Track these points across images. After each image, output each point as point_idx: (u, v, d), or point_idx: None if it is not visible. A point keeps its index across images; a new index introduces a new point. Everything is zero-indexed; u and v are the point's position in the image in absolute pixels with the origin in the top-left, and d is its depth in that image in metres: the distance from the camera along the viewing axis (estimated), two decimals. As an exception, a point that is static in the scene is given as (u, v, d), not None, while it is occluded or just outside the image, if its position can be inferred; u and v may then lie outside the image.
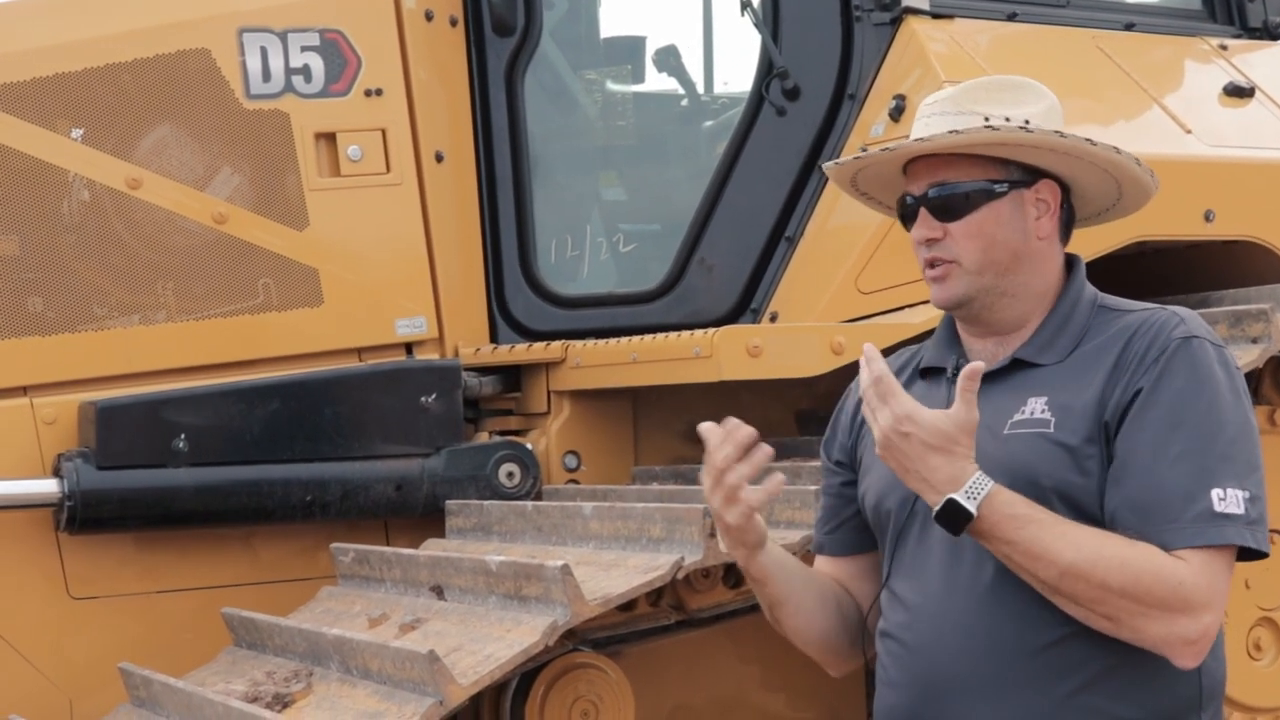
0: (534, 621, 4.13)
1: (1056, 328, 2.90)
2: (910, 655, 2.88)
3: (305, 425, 5.25)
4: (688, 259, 5.69)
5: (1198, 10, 6.37)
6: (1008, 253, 2.88)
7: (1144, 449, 2.72)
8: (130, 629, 5.18)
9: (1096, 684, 2.76)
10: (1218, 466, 2.70)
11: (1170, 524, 2.68)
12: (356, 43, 5.49)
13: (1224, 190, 5.58)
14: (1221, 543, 2.68)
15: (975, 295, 2.90)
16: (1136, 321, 2.84)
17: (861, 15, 5.65)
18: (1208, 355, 2.78)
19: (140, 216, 5.25)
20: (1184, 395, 2.73)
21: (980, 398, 2.83)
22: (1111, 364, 2.80)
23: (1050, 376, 2.85)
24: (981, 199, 2.88)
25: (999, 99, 2.91)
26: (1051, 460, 2.77)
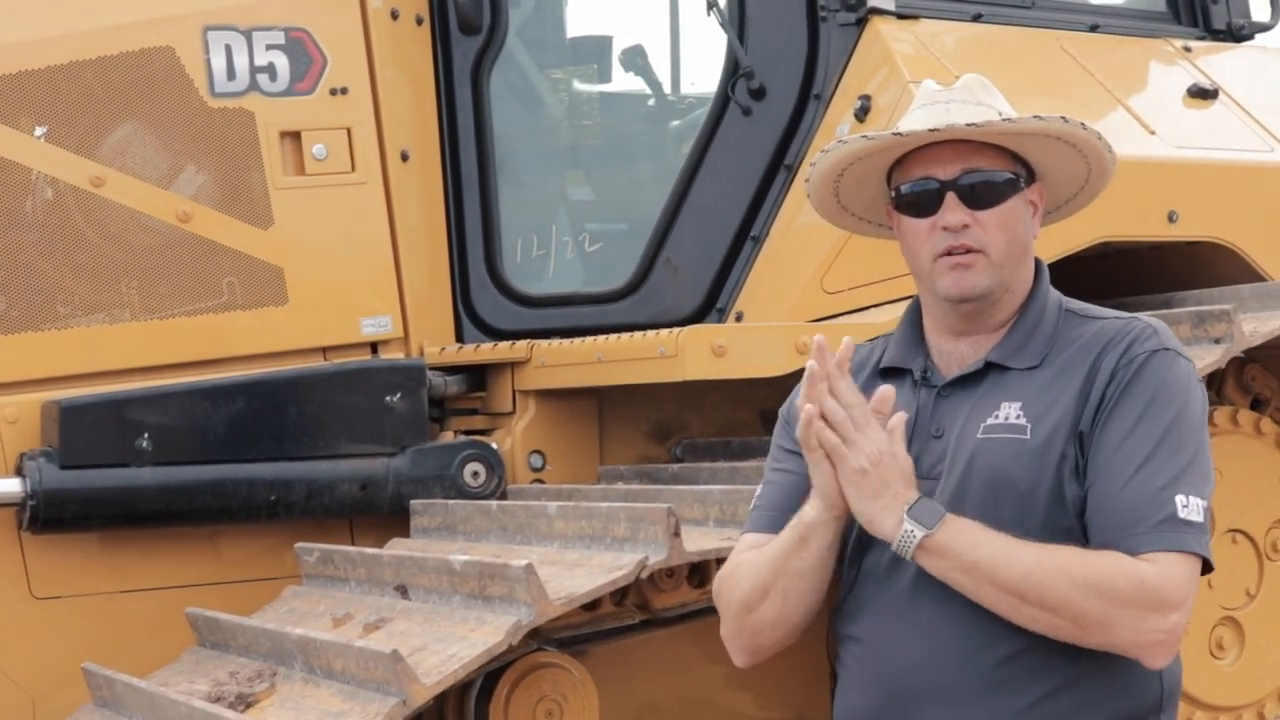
0: (498, 621, 4.13)
1: (1028, 331, 2.88)
2: (877, 660, 2.85)
3: (270, 424, 5.23)
4: (653, 259, 5.69)
5: (1162, 12, 6.40)
6: (1021, 248, 2.89)
7: (1113, 456, 2.73)
8: (94, 629, 5.16)
9: (1062, 691, 2.75)
10: (1182, 474, 2.72)
11: (1136, 527, 2.69)
12: (322, 41, 5.48)
13: (1187, 191, 5.61)
14: (1184, 549, 2.69)
15: (994, 288, 2.87)
16: (1110, 331, 2.83)
17: (827, 16, 5.66)
18: (1178, 368, 2.79)
19: (104, 215, 5.22)
20: (1154, 406, 2.74)
21: (951, 400, 2.86)
22: (1085, 374, 2.79)
23: (1024, 381, 2.83)
24: (1010, 190, 2.86)
25: (994, 95, 2.93)
26: (1028, 466, 2.76)
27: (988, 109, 2.87)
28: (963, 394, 2.86)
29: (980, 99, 2.89)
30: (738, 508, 4.49)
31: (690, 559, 4.32)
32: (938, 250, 2.85)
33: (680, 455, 5.61)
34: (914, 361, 2.95)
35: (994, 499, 2.76)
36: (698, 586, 4.73)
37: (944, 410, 2.87)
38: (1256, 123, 5.98)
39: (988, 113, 2.86)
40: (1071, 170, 2.97)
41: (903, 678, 2.81)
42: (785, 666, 5.23)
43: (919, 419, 2.88)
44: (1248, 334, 4.87)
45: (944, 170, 2.86)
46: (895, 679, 2.82)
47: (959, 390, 2.86)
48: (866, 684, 2.87)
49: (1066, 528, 2.76)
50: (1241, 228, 5.75)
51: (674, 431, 5.68)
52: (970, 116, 2.85)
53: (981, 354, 2.88)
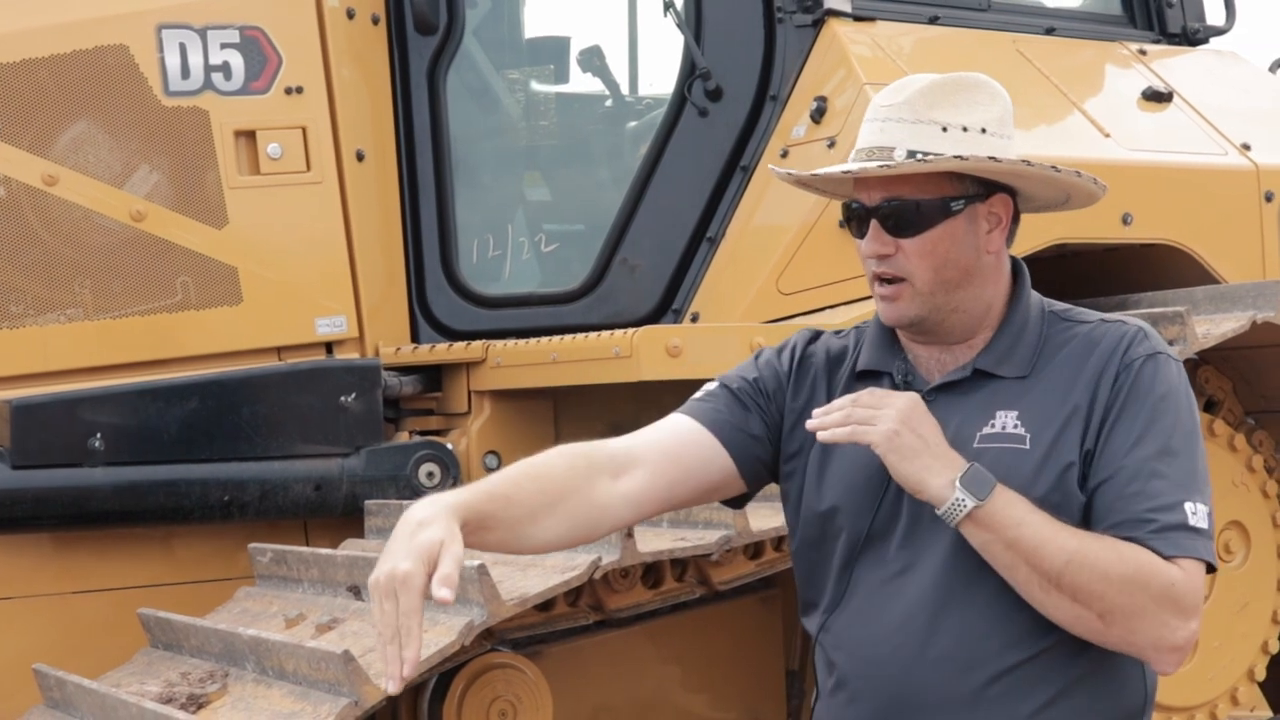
0: (450, 621, 4.11)
1: (1013, 338, 2.83)
2: (875, 672, 2.82)
3: (223, 424, 5.22)
4: (609, 259, 5.69)
5: (1117, 15, 6.43)
6: (959, 270, 2.79)
7: (1121, 464, 2.69)
8: (45, 630, 5.14)
9: (1059, 700, 2.74)
10: (1188, 481, 2.69)
11: (1154, 535, 2.66)
12: (277, 40, 5.46)
13: (1142, 194, 5.62)
14: (1197, 556, 2.68)
15: (926, 315, 2.81)
16: (1100, 336, 2.80)
17: (784, 17, 5.67)
18: (1172, 372, 2.77)
19: (57, 214, 5.20)
20: (1156, 411, 2.71)
21: (939, 405, 2.80)
22: (1081, 381, 2.76)
23: (1018, 390, 2.79)
24: (937, 216, 2.77)
25: (955, 102, 2.80)
26: (1029, 475, 2.72)
27: (928, 126, 2.77)
28: (952, 400, 2.81)
29: (921, 115, 2.78)
30: (691, 509, 4.49)
31: (644, 559, 4.31)
32: (870, 274, 2.83)
33: (636, 456, 5.59)
34: (892, 364, 2.90)
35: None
36: (652, 587, 4.72)
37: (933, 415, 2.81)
38: (1210, 126, 6.01)
39: (927, 131, 2.76)
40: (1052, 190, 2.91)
41: (901, 689, 2.79)
42: (739, 666, 5.28)
43: None
44: (1200, 336, 4.89)
45: (868, 196, 2.80)
46: (893, 691, 2.80)
47: (947, 396, 2.82)
48: (865, 696, 2.83)
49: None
50: (1195, 230, 5.77)
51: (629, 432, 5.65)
52: (910, 135, 2.78)
53: (966, 360, 2.84)
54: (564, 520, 2.79)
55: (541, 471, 2.83)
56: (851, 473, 2.87)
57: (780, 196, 5.49)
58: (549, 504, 2.78)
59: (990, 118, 2.81)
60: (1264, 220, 5.90)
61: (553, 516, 2.78)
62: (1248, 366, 5.50)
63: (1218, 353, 5.18)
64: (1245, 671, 5.45)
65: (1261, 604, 5.47)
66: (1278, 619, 5.50)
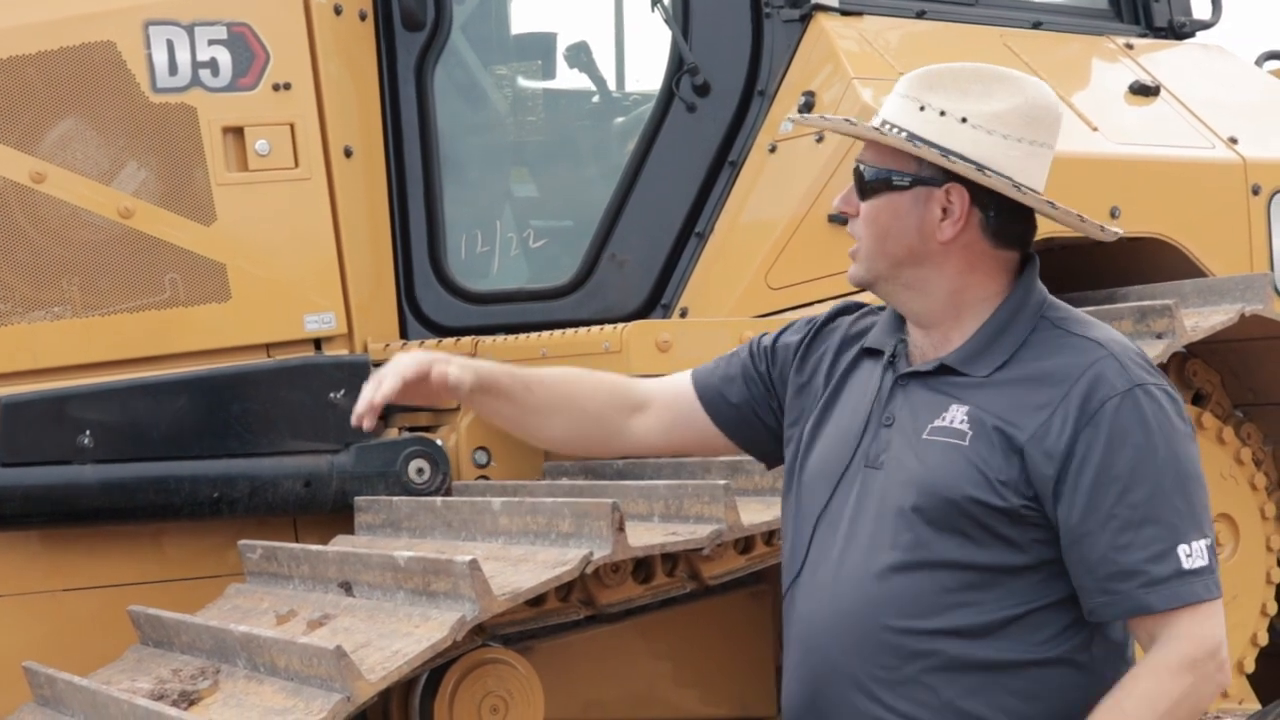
0: (442, 617, 4.12)
1: (989, 338, 2.80)
2: (806, 644, 2.87)
3: (213, 421, 5.22)
4: (598, 255, 5.69)
5: (1104, 9, 6.43)
6: (902, 247, 2.80)
7: (1106, 516, 2.65)
8: (35, 627, 5.13)
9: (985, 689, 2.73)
10: (1180, 523, 2.66)
11: (1145, 589, 2.65)
12: (264, 36, 5.45)
13: (1130, 187, 5.63)
14: (1194, 600, 2.65)
15: (872, 281, 2.86)
16: (1077, 369, 2.72)
17: (771, 12, 5.67)
18: (1154, 403, 2.68)
19: (45, 211, 5.18)
20: (1138, 455, 2.65)
21: (906, 392, 2.83)
22: (1036, 400, 2.71)
23: (976, 388, 2.77)
24: (881, 188, 2.81)
25: (961, 89, 2.79)
26: (962, 475, 2.72)
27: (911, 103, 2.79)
28: (917, 388, 2.83)
29: (913, 92, 2.80)
30: (683, 503, 4.50)
31: (635, 554, 4.31)
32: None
33: (625, 452, 5.60)
34: (888, 343, 2.92)
35: (924, 500, 2.74)
36: (643, 582, 4.72)
37: (899, 400, 2.85)
38: (1198, 119, 6.02)
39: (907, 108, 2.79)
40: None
41: (828, 669, 2.82)
42: (730, 662, 5.28)
43: (875, 402, 2.88)
44: (1189, 329, 4.90)
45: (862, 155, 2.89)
46: (821, 670, 2.83)
47: (914, 383, 2.84)
48: (800, 673, 2.88)
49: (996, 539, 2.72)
50: (1183, 224, 5.78)
51: (619, 428, 5.67)
52: (889, 110, 2.82)
53: (939, 354, 2.84)
54: (573, 428, 3.16)
55: (571, 380, 3.18)
56: (827, 448, 2.93)
57: (769, 191, 5.50)
58: (565, 409, 3.14)
59: (984, 111, 2.77)
60: (1251, 213, 5.91)
61: (565, 420, 3.14)
62: (1236, 359, 5.50)
63: (1206, 346, 5.19)
64: (1234, 664, 5.45)
65: (1250, 597, 5.47)
66: (1266, 611, 5.51)
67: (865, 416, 2.87)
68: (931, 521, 2.74)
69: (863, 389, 2.92)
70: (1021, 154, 2.77)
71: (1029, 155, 2.78)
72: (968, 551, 2.72)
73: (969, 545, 2.72)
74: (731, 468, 4.80)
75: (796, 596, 2.91)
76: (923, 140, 2.77)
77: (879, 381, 2.89)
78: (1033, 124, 2.79)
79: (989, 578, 2.72)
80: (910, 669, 2.74)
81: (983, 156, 2.75)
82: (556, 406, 3.13)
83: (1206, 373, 5.53)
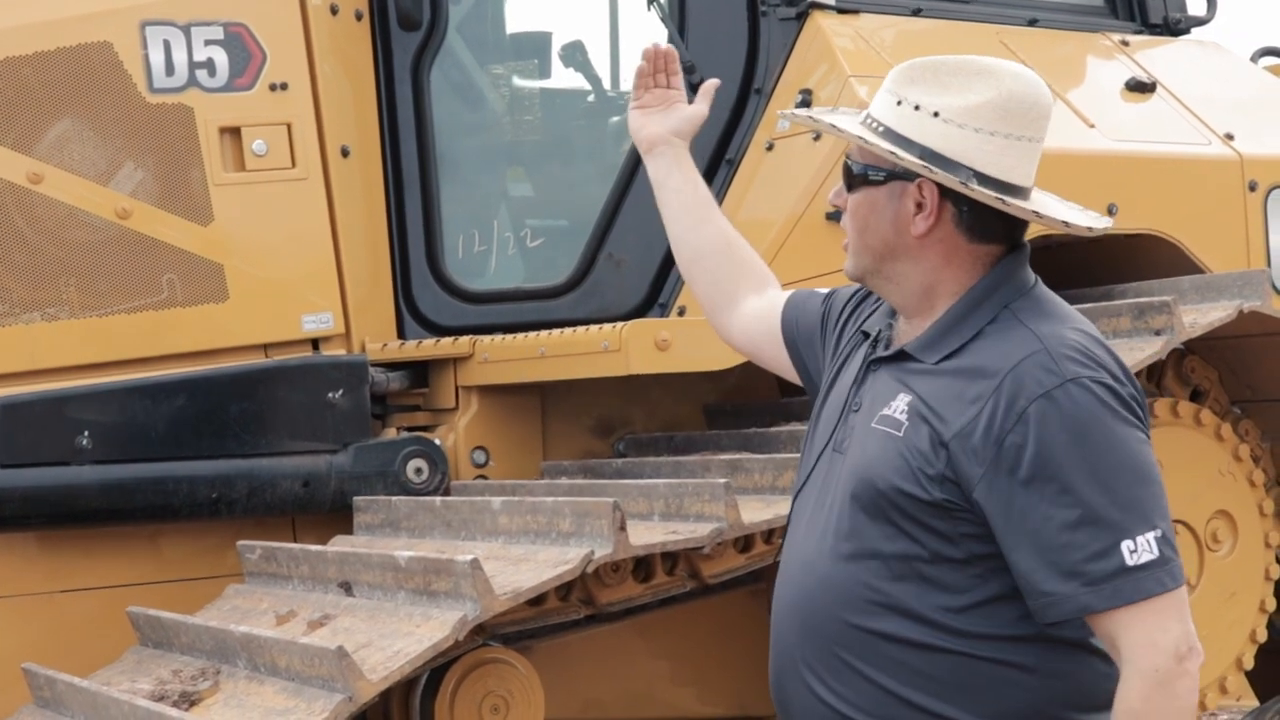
0: (443, 616, 4.12)
1: (946, 327, 2.80)
2: (774, 628, 2.89)
3: (211, 422, 5.21)
4: (595, 254, 5.69)
5: (1099, 6, 6.43)
6: (879, 240, 2.82)
7: (1044, 519, 2.62)
8: (33, 629, 5.12)
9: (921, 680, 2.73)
10: (1122, 518, 2.61)
11: (1087, 589, 2.61)
12: (261, 36, 5.44)
13: (1127, 184, 5.63)
14: (1140, 597, 2.61)
15: (860, 273, 2.89)
16: (1008, 364, 2.68)
17: (767, 10, 5.66)
18: (1087, 396, 2.65)
19: (42, 212, 5.17)
20: (1068, 454, 2.62)
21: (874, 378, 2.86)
22: (976, 398, 2.68)
23: (923, 377, 2.78)
24: (860, 182, 2.84)
25: (942, 84, 2.77)
26: (890, 466, 2.72)
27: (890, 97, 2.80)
28: (882, 374, 2.85)
29: (893, 86, 2.81)
30: (683, 501, 4.50)
31: (635, 553, 4.32)
32: None
33: (624, 450, 5.61)
34: (878, 328, 2.94)
35: (861, 490, 2.76)
36: (643, 581, 4.72)
37: (867, 386, 2.87)
38: (1194, 116, 6.02)
39: (886, 101, 2.80)
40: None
41: (788, 651, 2.84)
42: (729, 661, 5.28)
43: (853, 386, 2.91)
44: (1188, 325, 4.91)
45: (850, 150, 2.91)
46: (783, 651, 2.85)
47: (881, 369, 2.86)
48: (772, 656, 2.90)
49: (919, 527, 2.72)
50: (1179, 220, 5.78)
51: (617, 427, 5.68)
52: (883, 105, 2.82)
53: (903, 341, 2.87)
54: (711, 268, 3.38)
55: (743, 241, 3.43)
56: (817, 428, 2.98)
57: (766, 190, 5.50)
58: (721, 248, 3.37)
59: (956, 104, 2.75)
60: (1248, 209, 5.91)
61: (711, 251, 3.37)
62: (1233, 356, 5.51)
63: (1203, 342, 5.19)
64: (1234, 660, 5.46)
65: (1249, 593, 5.48)
66: (1265, 608, 5.51)
67: (844, 400, 2.91)
68: (866, 511, 2.76)
69: (849, 372, 2.96)
70: (995, 148, 2.74)
71: (1003, 149, 2.75)
72: (900, 543, 2.73)
73: (901, 537, 2.73)
74: (731, 466, 4.80)
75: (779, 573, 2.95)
76: (896, 134, 2.78)
77: (859, 366, 2.92)
78: (1008, 117, 2.76)
79: (922, 570, 2.72)
80: (850, 656, 2.75)
81: (953, 151, 2.74)
82: (717, 238, 3.37)
83: (1204, 369, 5.53)
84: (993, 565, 2.71)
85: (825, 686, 2.78)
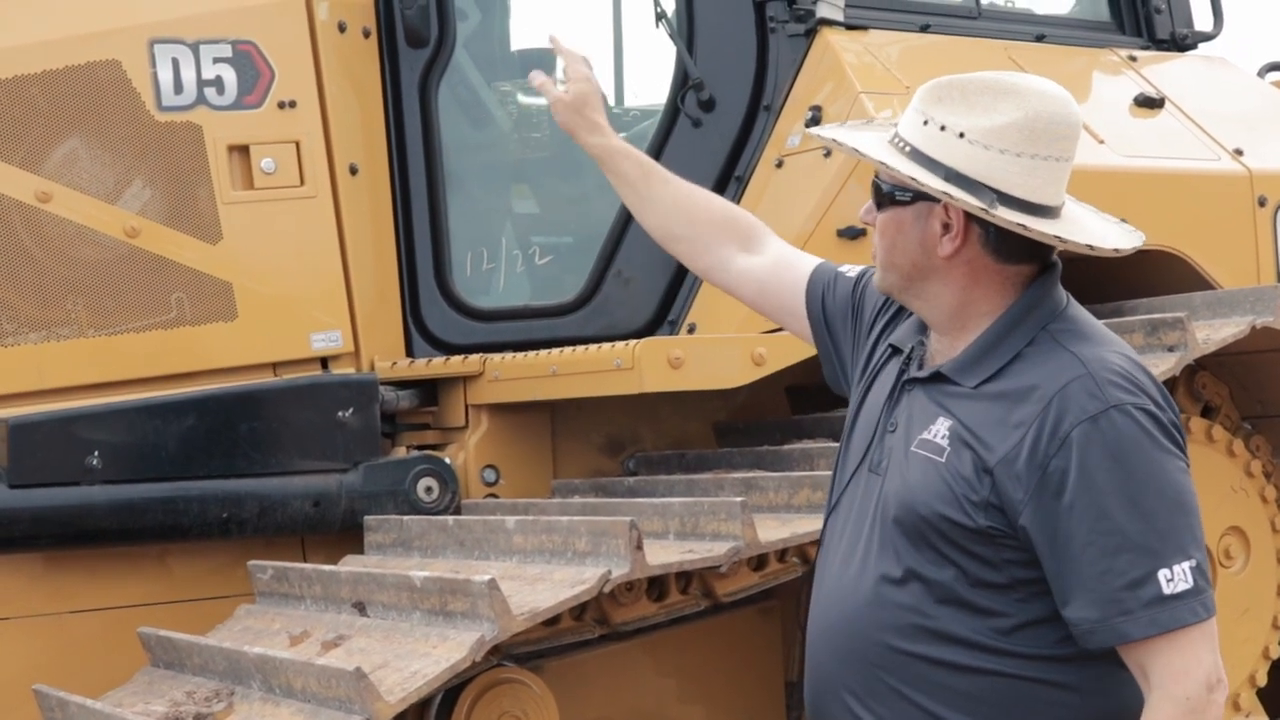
0: (460, 637, 4.10)
1: (983, 349, 2.78)
2: (810, 650, 2.90)
3: (221, 441, 5.19)
4: (604, 271, 5.67)
5: (1106, 22, 6.42)
6: (907, 260, 2.82)
7: (1084, 545, 2.63)
8: (43, 650, 5.10)
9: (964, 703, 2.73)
10: (1159, 546, 2.62)
11: (1124, 616, 2.61)
12: (269, 54, 5.44)
13: (1137, 200, 5.61)
14: (1176, 626, 2.61)
15: (889, 289, 2.89)
16: (1052, 389, 2.68)
17: (776, 27, 5.65)
18: (1130, 424, 2.65)
19: (50, 230, 5.16)
20: (1111, 481, 2.62)
21: (909, 398, 2.85)
22: (1020, 422, 2.68)
23: (963, 401, 2.77)
24: (887, 201, 2.83)
25: (969, 103, 2.75)
26: (934, 493, 2.72)
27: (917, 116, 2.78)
28: (918, 395, 2.84)
29: (921, 105, 2.79)
30: (698, 520, 4.48)
31: (653, 572, 4.30)
32: None
33: (634, 468, 5.59)
34: (908, 344, 2.93)
35: (903, 514, 2.75)
36: (656, 600, 4.70)
37: (902, 406, 2.86)
38: (1203, 131, 6.01)
39: (913, 121, 2.79)
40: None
41: (826, 674, 2.85)
42: (739, 677, 5.26)
43: (887, 404, 2.89)
44: (1201, 341, 4.90)
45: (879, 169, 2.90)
46: (821, 675, 2.86)
47: (917, 389, 2.85)
48: (809, 678, 2.91)
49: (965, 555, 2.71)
50: (1190, 236, 5.77)
51: (626, 444, 5.67)
52: (910, 124, 2.80)
53: (939, 361, 2.85)
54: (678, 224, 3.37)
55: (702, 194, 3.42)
56: (851, 443, 2.96)
57: (775, 207, 5.48)
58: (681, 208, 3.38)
59: (982, 125, 2.73)
60: (1258, 225, 5.91)
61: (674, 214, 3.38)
62: (1244, 372, 5.50)
63: (1214, 358, 5.18)
64: (1246, 677, 5.44)
65: (1262, 609, 5.46)
66: (1278, 624, 5.49)
67: (877, 418, 2.90)
68: (909, 536, 2.75)
69: (882, 388, 2.94)
70: (1021, 169, 2.72)
71: (1030, 170, 2.73)
72: (943, 568, 2.72)
73: (943, 562, 2.72)
74: (746, 484, 4.79)
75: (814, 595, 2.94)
76: (923, 155, 2.76)
77: (893, 383, 2.91)
78: (1034, 137, 2.74)
79: (965, 595, 2.72)
80: (893, 680, 2.76)
81: (978, 172, 2.72)
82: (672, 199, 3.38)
83: (1215, 385, 5.52)
84: (1035, 589, 2.71)
85: (868, 710, 2.78)
